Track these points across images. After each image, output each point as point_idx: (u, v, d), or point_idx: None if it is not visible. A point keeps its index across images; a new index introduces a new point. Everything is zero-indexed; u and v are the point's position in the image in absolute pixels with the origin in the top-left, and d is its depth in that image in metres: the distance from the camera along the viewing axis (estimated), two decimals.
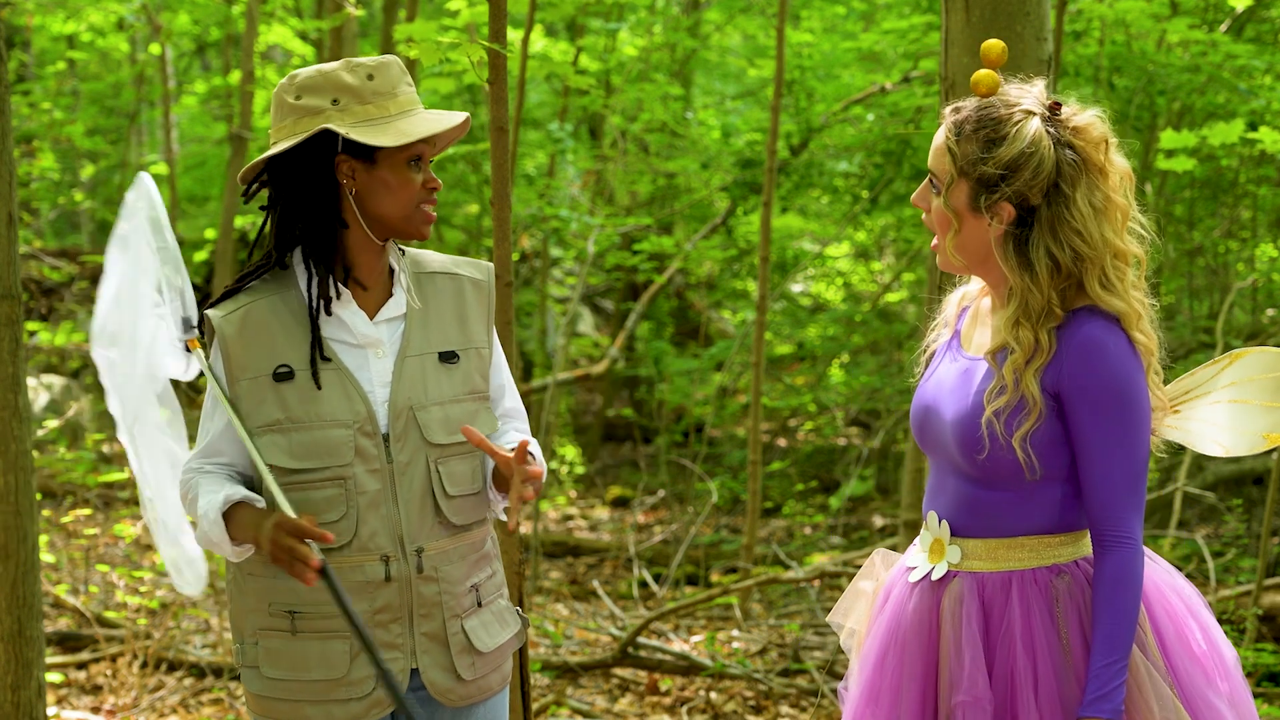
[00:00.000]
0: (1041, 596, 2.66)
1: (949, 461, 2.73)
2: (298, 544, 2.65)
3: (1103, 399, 2.60)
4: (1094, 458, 2.61)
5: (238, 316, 2.85)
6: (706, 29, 12.25)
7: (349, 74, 2.84)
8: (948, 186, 2.69)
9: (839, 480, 10.01)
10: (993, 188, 2.64)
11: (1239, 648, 5.62)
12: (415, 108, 2.87)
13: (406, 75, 2.90)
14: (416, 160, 2.86)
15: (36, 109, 11.72)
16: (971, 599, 2.68)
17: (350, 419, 2.82)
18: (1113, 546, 2.60)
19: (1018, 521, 2.68)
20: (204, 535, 2.81)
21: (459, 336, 2.95)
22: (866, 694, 2.76)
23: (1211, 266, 9.71)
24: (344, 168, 2.84)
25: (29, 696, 4.29)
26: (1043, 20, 3.88)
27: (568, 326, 10.57)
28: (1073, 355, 2.61)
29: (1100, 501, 2.61)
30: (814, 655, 6.52)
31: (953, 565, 2.72)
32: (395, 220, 2.86)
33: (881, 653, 2.76)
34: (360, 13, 8.19)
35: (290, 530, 2.66)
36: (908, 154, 9.10)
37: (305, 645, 2.84)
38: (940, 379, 2.79)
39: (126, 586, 7.24)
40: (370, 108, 2.83)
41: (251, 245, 3.00)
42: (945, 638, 2.69)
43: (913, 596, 2.76)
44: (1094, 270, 2.64)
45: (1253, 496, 8.26)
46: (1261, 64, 7.71)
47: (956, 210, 2.68)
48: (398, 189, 2.84)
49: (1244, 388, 2.89)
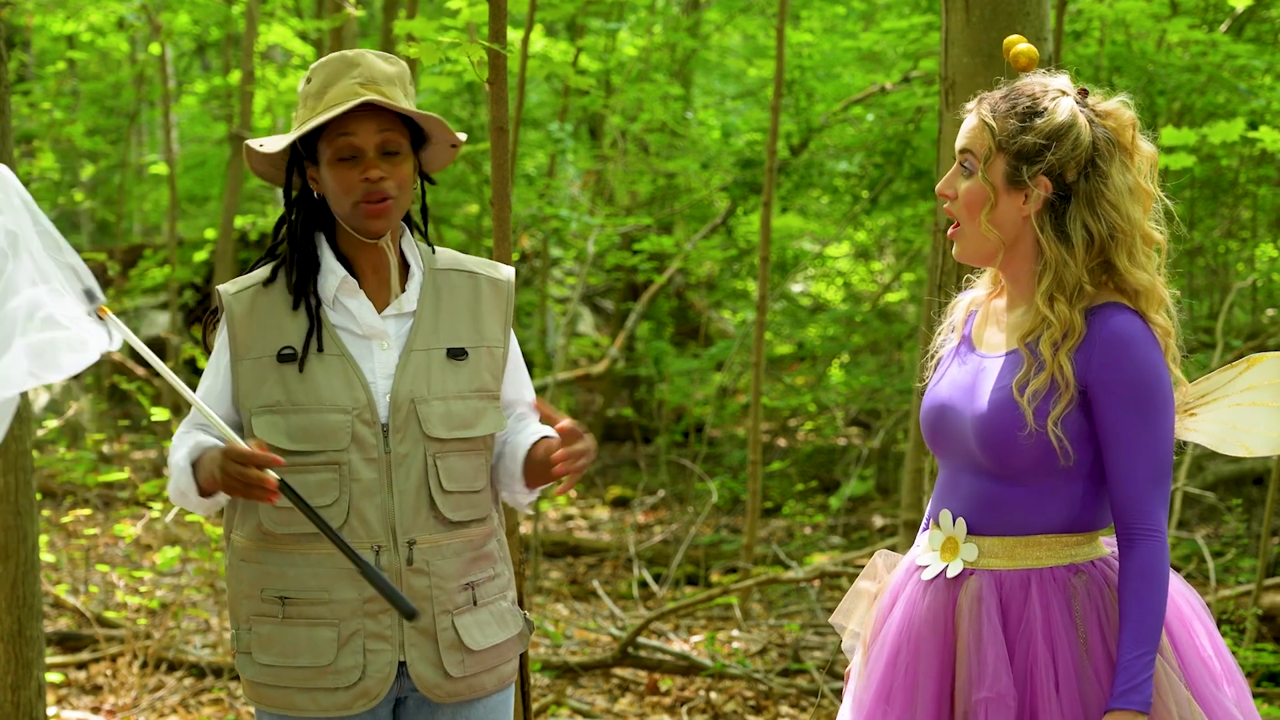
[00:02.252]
0: (1060, 594, 2.66)
1: (966, 459, 2.72)
2: (247, 469, 2.68)
3: (1130, 391, 2.62)
4: (1121, 450, 2.62)
5: (247, 296, 2.90)
6: (706, 29, 12.25)
7: (304, 81, 2.91)
8: (985, 161, 2.69)
9: (839, 480, 10.00)
10: (1034, 159, 2.66)
11: (1239, 648, 5.62)
12: (343, 100, 2.83)
13: (355, 68, 2.86)
14: (349, 157, 2.85)
15: (36, 109, 11.72)
16: (991, 596, 2.67)
17: (349, 405, 2.84)
18: (1140, 539, 2.61)
19: (1036, 519, 2.68)
20: (175, 487, 2.86)
21: (471, 334, 2.96)
22: (879, 694, 2.74)
23: (1211, 266, 9.71)
24: (310, 172, 2.91)
25: (29, 696, 4.29)
26: (1043, 20, 3.88)
27: (568, 326, 10.57)
28: (1101, 347, 2.63)
29: (1127, 494, 2.62)
30: (814, 655, 6.52)
31: (969, 563, 2.71)
32: (342, 217, 2.90)
33: (894, 652, 2.75)
34: (360, 13, 8.19)
35: (237, 458, 2.69)
36: (908, 154, 9.10)
37: (294, 631, 2.86)
38: (954, 379, 2.78)
39: (126, 586, 7.23)
40: (304, 110, 2.88)
41: (276, 231, 3.02)
42: (963, 635, 2.68)
43: (926, 595, 2.74)
44: (1124, 247, 2.68)
45: (1253, 496, 8.26)
46: (1261, 64, 7.70)
47: (994, 184, 2.69)
48: (333, 187, 2.87)
49: (1262, 391, 2.92)
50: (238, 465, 2.69)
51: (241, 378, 2.86)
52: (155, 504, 6.57)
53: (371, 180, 2.84)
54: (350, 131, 2.83)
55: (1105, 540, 2.77)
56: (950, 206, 2.77)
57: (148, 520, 7.16)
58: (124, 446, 10.66)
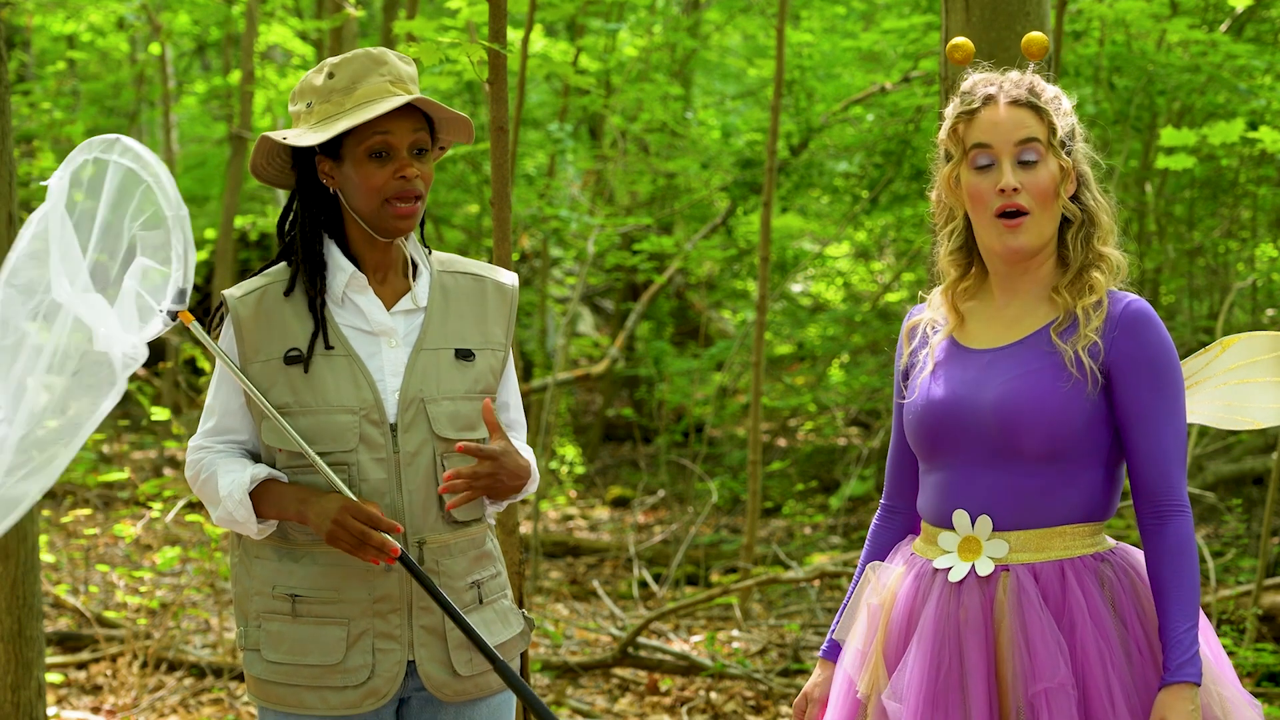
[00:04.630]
0: (1095, 582, 2.68)
1: (983, 454, 2.70)
2: (370, 531, 2.71)
3: (1155, 369, 2.66)
4: (1147, 427, 2.65)
5: (253, 299, 2.89)
6: (706, 29, 12.24)
7: (317, 75, 2.89)
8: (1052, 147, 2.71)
9: (839, 480, 10.00)
10: (1070, 141, 2.74)
11: (1239, 648, 5.63)
12: (378, 97, 2.84)
13: (382, 66, 2.87)
14: (380, 153, 2.85)
15: (36, 109, 11.71)
16: (1031, 589, 2.66)
17: (356, 405, 2.84)
18: (1171, 515, 2.64)
19: (1060, 508, 2.69)
20: (227, 515, 2.83)
21: (477, 335, 2.97)
22: (925, 701, 2.69)
23: (1211, 266, 9.71)
24: (324, 167, 2.89)
25: (29, 696, 4.30)
26: (1043, 20, 3.88)
27: (568, 326, 10.57)
28: (1121, 328, 2.66)
29: (1156, 471, 2.65)
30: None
31: (998, 560, 2.70)
32: (367, 216, 2.88)
33: (934, 659, 2.70)
34: (360, 13, 8.19)
35: (359, 516, 2.72)
36: (908, 154, 9.10)
37: (304, 630, 2.86)
38: (954, 379, 2.75)
39: (126, 586, 7.23)
40: (328, 106, 2.86)
41: (282, 229, 3.00)
42: (1006, 631, 2.66)
43: (959, 596, 2.71)
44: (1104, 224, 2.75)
45: (1253, 496, 8.26)
46: (1261, 64, 7.70)
47: (1064, 167, 2.72)
48: (360, 184, 2.86)
49: (1247, 369, 2.95)
50: (361, 525, 2.72)
51: (250, 381, 2.86)
52: (155, 504, 6.57)
53: (407, 179, 2.85)
54: (387, 130, 2.84)
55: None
56: (1017, 199, 2.70)
57: (148, 520, 7.16)
58: (124, 446, 10.66)
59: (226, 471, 2.84)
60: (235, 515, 2.81)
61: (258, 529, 2.84)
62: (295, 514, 2.79)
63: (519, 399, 3.09)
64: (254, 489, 2.81)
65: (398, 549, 2.72)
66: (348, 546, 2.73)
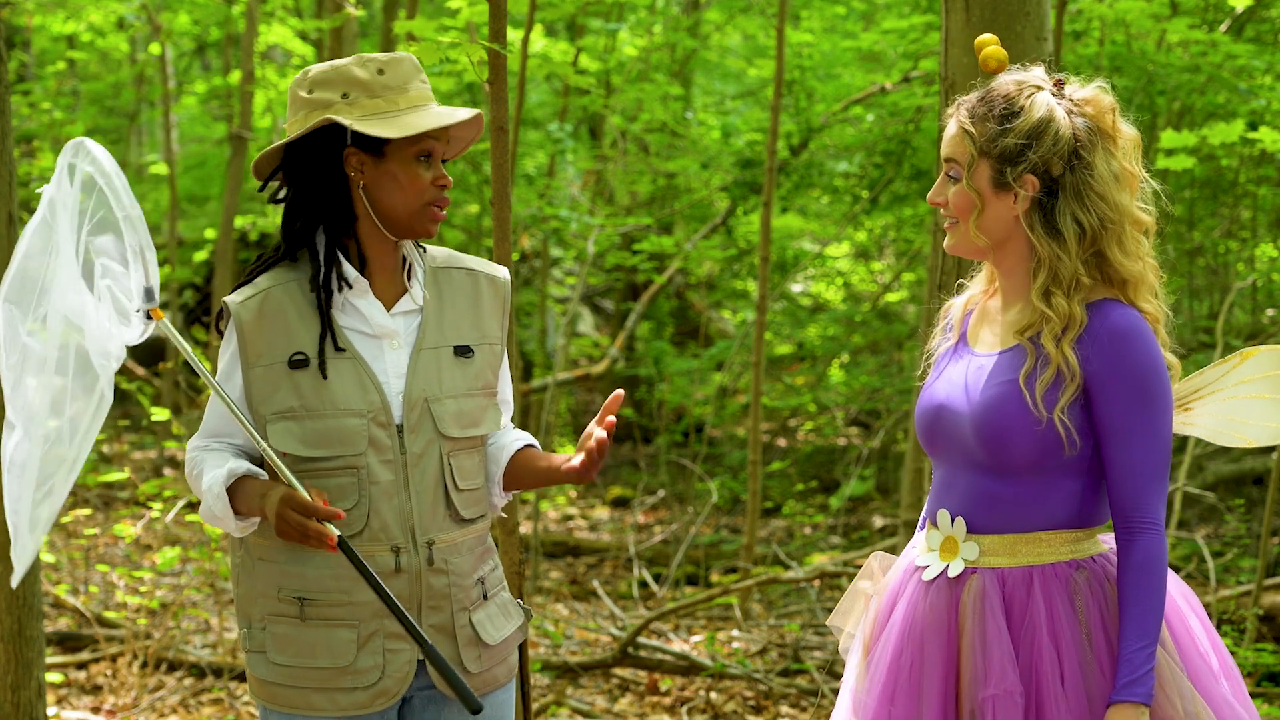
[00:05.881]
0: (1063, 590, 2.67)
1: (964, 458, 2.73)
2: (308, 521, 2.69)
3: (1131, 385, 2.62)
4: (1122, 444, 2.63)
5: (255, 303, 2.88)
6: (706, 29, 12.24)
7: (360, 68, 2.86)
8: (969, 169, 2.70)
9: (839, 480, 10.00)
10: (1016, 160, 2.67)
11: (1239, 648, 5.63)
12: (427, 103, 2.88)
13: (421, 73, 2.91)
14: (426, 156, 2.87)
15: (36, 109, 11.71)
16: (994, 594, 2.67)
17: (364, 408, 2.84)
18: (1140, 532, 2.62)
19: (1036, 515, 2.69)
20: (208, 510, 2.83)
21: (473, 331, 2.97)
22: (883, 695, 2.74)
23: (1211, 266, 9.71)
24: (353, 160, 2.86)
25: (29, 696, 4.29)
26: (1043, 20, 3.88)
27: (568, 326, 10.57)
28: (1101, 342, 2.63)
29: (1128, 487, 2.63)
30: (814, 655, 6.52)
31: (969, 562, 2.72)
32: (402, 215, 2.87)
33: (898, 653, 2.75)
34: (360, 13, 8.19)
35: (298, 508, 2.70)
36: (908, 154, 9.10)
37: (313, 632, 2.85)
38: (951, 378, 2.79)
39: (126, 586, 7.23)
40: (380, 101, 2.84)
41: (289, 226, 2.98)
42: (967, 634, 2.68)
43: (929, 595, 2.74)
44: (1115, 236, 2.68)
45: (1253, 496, 8.26)
46: (1261, 64, 7.70)
47: (980, 190, 2.70)
48: (405, 184, 2.86)
49: (1259, 384, 2.94)
50: (298, 516, 2.70)
51: (254, 384, 2.85)
52: (155, 504, 6.57)
53: (447, 185, 2.89)
54: (438, 136, 2.87)
55: (1102, 537, 2.77)
56: (944, 213, 2.79)
57: (148, 520, 7.16)
58: (124, 446, 10.67)
59: (210, 468, 2.84)
60: (214, 510, 2.82)
61: (236, 525, 2.83)
62: (259, 509, 2.79)
63: (509, 379, 3.11)
64: (232, 485, 2.81)
65: (334, 536, 2.69)
66: (295, 537, 2.72)
